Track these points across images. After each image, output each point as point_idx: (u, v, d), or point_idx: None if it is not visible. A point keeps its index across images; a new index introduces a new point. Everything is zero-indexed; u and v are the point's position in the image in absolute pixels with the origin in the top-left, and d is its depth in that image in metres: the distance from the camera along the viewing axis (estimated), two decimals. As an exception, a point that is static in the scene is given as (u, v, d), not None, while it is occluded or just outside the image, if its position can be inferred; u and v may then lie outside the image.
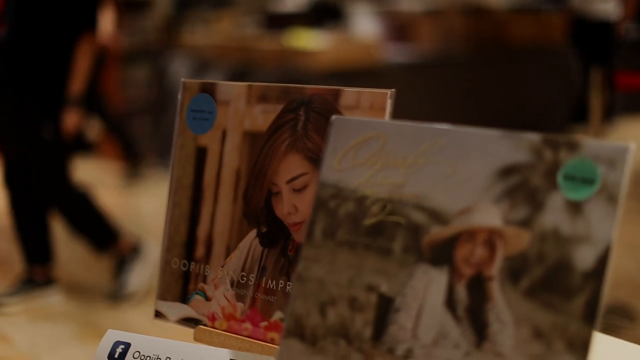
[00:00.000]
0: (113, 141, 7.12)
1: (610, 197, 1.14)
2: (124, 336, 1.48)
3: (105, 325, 3.85)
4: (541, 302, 1.15)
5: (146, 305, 4.15)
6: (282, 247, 1.51)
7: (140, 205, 6.54)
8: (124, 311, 4.13)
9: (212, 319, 1.57)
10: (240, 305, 1.54)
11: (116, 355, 1.46)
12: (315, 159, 1.47)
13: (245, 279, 1.54)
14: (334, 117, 1.35)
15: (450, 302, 1.20)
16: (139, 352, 1.46)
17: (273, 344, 1.48)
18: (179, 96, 1.64)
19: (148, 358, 1.45)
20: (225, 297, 1.56)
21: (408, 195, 1.26)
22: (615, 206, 1.14)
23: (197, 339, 1.55)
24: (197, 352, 1.43)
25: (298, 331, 1.30)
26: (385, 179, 1.29)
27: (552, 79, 7.65)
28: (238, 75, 6.38)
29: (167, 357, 1.44)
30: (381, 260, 1.26)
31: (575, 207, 1.16)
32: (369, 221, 1.28)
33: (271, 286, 1.51)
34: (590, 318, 1.12)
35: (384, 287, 1.25)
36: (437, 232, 1.23)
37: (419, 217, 1.25)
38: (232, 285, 1.55)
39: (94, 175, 6.77)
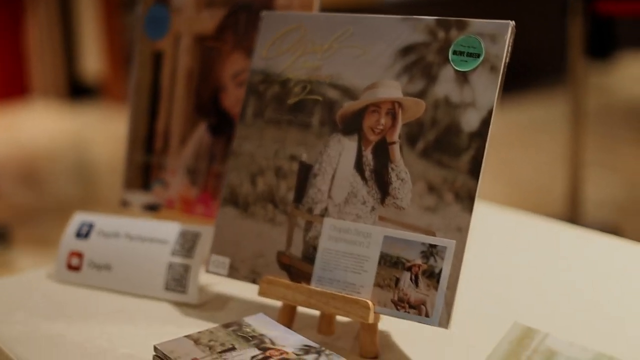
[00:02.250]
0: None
1: (493, 67, 1.29)
2: (89, 217, 1.65)
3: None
4: (434, 161, 1.31)
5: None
6: (229, 136, 1.67)
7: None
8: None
9: (171, 203, 1.73)
10: (194, 189, 1.71)
11: (82, 234, 1.63)
12: (255, 56, 1.62)
13: (197, 166, 1.70)
14: (263, 12, 1.51)
15: (359, 166, 1.36)
16: (102, 230, 1.62)
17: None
18: (138, 8, 1.79)
19: (110, 234, 1.61)
20: (181, 183, 1.72)
21: (324, 76, 1.41)
22: (497, 75, 1.29)
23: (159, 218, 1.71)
24: (152, 226, 1.60)
25: (233, 199, 1.46)
26: (305, 64, 1.44)
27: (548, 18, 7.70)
28: None
29: (126, 232, 1.60)
30: (302, 133, 1.42)
31: (463, 78, 1.31)
32: (291, 100, 1.44)
33: (220, 170, 1.68)
34: (475, 173, 1.28)
35: (304, 157, 1.41)
36: (348, 106, 1.38)
37: (333, 94, 1.40)
38: (186, 172, 1.71)
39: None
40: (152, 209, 1.75)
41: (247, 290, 1.51)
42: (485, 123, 1.28)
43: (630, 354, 1.14)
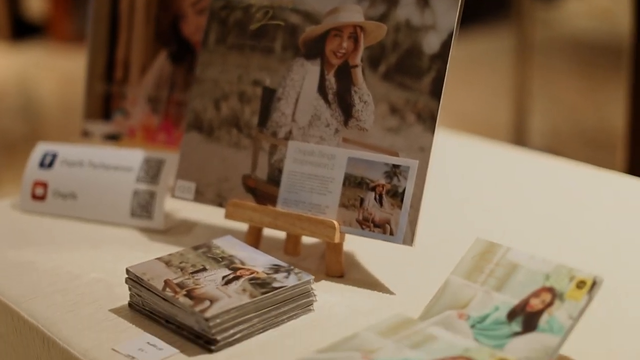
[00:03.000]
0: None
1: (452, -10, 1.31)
2: (52, 147, 1.65)
3: None
4: (396, 83, 1.33)
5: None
6: (189, 64, 1.67)
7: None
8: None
9: (132, 132, 1.74)
10: (155, 118, 1.71)
11: (46, 163, 1.63)
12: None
13: (158, 94, 1.71)
14: (223, -60, 1.51)
15: (322, 89, 1.38)
16: (66, 159, 1.62)
17: (182, 146, 1.64)
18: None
19: (74, 163, 1.61)
20: (142, 112, 1.73)
21: (286, 1, 1.42)
22: (457, -1, 1.31)
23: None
24: (116, 154, 1.60)
25: (197, 125, 1.47)
26: (267, -11, 1.45)
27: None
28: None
29: (90, 161, 1.61)
30: (265, 58, 1.43)
31: (423, 2, 1.33)
32: (254, 26, 1.45)
33: (180, 98, 1.68)
34: (436, 94, 1.30)
35: (268, 81, 1.42)
36: (310, 31, 1.40)
37: (295, 19, 1.41)
38: (147, 101, 1.72)
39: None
40: (113, 138, 1.75)
41: (212, 215, 1.53)
42: (446, 45, 1.30)
43: (586, 264, 1.18)
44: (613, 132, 3.97)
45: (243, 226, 1.46)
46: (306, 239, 1.45)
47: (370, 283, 1.34)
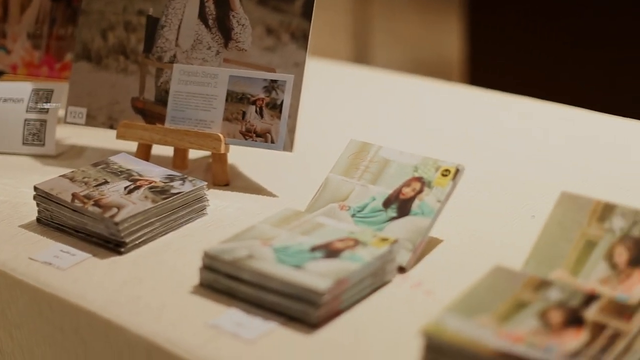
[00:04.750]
0: None
1: None
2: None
3: None
4: (271, 7, 1.44)
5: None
6: (68, 0, 1.73)
7: None
8: None
9: (14, 68, 1.78)
10: (36, 53, 1.77)
11: None
12: None
13: (39, 30, 1.76)
14: None
15: (203, 15, 1.47)
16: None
17: (66, 77, 1.71)
18: None
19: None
20: (23, 48, 1.77)
21: (163, -64, 1.51)
22: None
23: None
24: (4, 86, 1.65)
25: (85, 54, 1.54)
26: None
27: None
28: None
29: (-21, 94, 1.65)
30: (147, -11, 1.51)
31: None
32: (134, -40, 1.53)
33: (61, 33, 1.74)
34: (307, 15, 1.42)
35: (151, 10, 1.50)
36: (188, -38, 1.49)
37: (173, -48, 1.50)
38: (28, 37, 1.77)
39: None
40: (-5, 76, 1.79)
41: (100, 140, 1.61)
42: (314, -28, 1.41)
43: (448, 156, 1.32)
44: (449, 62, 4.17)
45: (130, 149, 1.53)
46: (191, 155, 1.54)
47: (255, 188, 1.46)
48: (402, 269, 1.20)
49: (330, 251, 1.15)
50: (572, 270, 1.12)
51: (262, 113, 1.41)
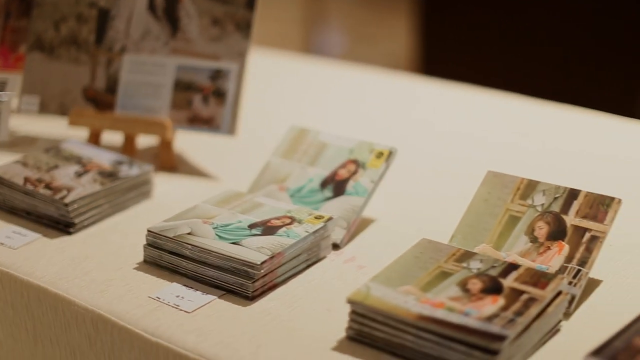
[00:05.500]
0: None
1: None
2: None
3: None
4: (216, -2, 1.48)
5: None
6: (23, -6, 1.76)
7: None
8: None
9: (-29, 60, 1.81)
10: (-7, 45, 1.80)
11: None
12: None
13: (-6, 24, 1.79)
14: None
15: (152, 7, 1.51)
16: None
17: (20, 68, 1.73)
18: None
19: None
20: (-21, 41, 1.80)
21: None
22: None
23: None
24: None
25: (39, 45, 1.58)
26: None
27: None
28: None
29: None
30: (97, -18, 1.55)
31: None
32: (85, -46, 1.57)
33: (16, 26, 1.77)
34: (251, 6, 1.46)
35: (102, 3, 1.54)
36: (136, -44, 1.53)
37: (122, -54, 1.54)
38: (-16, 31, 1.80)
39: None
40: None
41: (51, 128, 1.64)
42: (257, -36, 1.46)
43: (383, 140, 1.37)
44: (399, 56, 4.22)
45: (81, 137, 1.57)
46: (142, 142, 1.58)
47: (201, 172, 1.50)
48: (336, 246, 1.25)
49: (267, 228, 1.19)
50: (495, 244, 1.18)
51: (207, 100, 1.45)
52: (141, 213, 1.36)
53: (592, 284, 1.17)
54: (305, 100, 1.87)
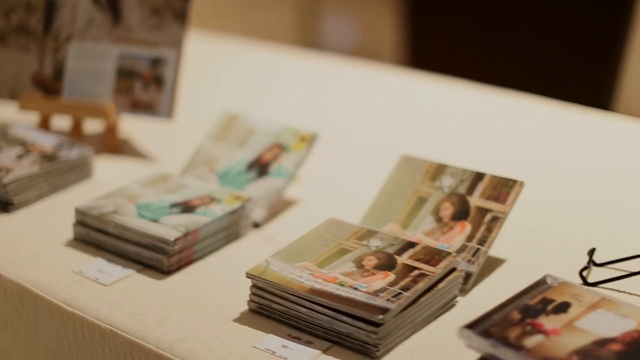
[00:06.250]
0: None
1: None
2: None
3: None
4: (155, -12, 1.53)
5: None
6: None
7: None
8: None
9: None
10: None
11: None
12: None
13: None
14: None
15: (95, -3, 1.57)
16: None
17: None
18: None
19: None
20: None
21: None
22: None
23: None
24: None
25: (-9, 33, 1.63)
26: None
27: None
28: None
29: None
30: (45, -27, 1.60)
31: None
32: (34, -54, 1.61)
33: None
34: (188, -4, 1.51)
35: (49, -8, 1.60)
36: (82, -52, 1.58)
37: (69, -62, 1.59)
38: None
39: None
40: None
41: (4, 112, 1.69)
42: (194, -44, 1.51)
43: (313, 124, 1.42)
44: (382, 44, 4.26)
45: (33, 121, 1.61)
46: (89, 129, 1.63)
47: (142, 155, 1.55)
48: (257, 225, 1.30)
49: (187, 207, 1.24)
50: (402, 224, 1.22)
51: (148, 86, 1.50)
52: (81, 193, 1.41)
53: (495, 263, 1.21)
54: (249, 86, 1.92)
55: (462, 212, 1.20)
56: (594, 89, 2.57)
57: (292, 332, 1.05)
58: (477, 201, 1.20)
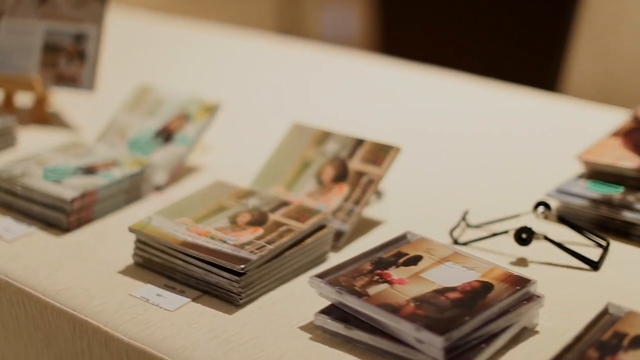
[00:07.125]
0: None
1: None
2: None
3: None
4: (78, -32, 1.61)
5: None
6: None
7: None
8: None
9: None
10: None
11: None
12: None
13: None
14: None
15: (23, -24, 1.64)
16: None
17: None
18: None
19: None
20: None
21: None
22: None
23: None
24: None
25: None
26: None
27: None
28: None
29: None
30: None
31: None
32: None
33: None
34: (109, -24, 1.59)
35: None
36: None
37: None
38: None
39: None
40: None
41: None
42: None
43: (222, 96, 1.51)
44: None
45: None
46: (20, 102, 1.71)
47: (67, 125, 1.63)
48: (159, 188, 1.38)
49: (90, 170, 1.33)
50: (287, 186, 1.30)
51: (72, 60, 1.58)
52: (1, 161, 1.48)
53: (373, 224, 1.28)
54: (173, 61, 2.01)
55: (341, 175, 1.28)
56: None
57: (169, 282, 1.13)
58: (356, 165, 1.28)
